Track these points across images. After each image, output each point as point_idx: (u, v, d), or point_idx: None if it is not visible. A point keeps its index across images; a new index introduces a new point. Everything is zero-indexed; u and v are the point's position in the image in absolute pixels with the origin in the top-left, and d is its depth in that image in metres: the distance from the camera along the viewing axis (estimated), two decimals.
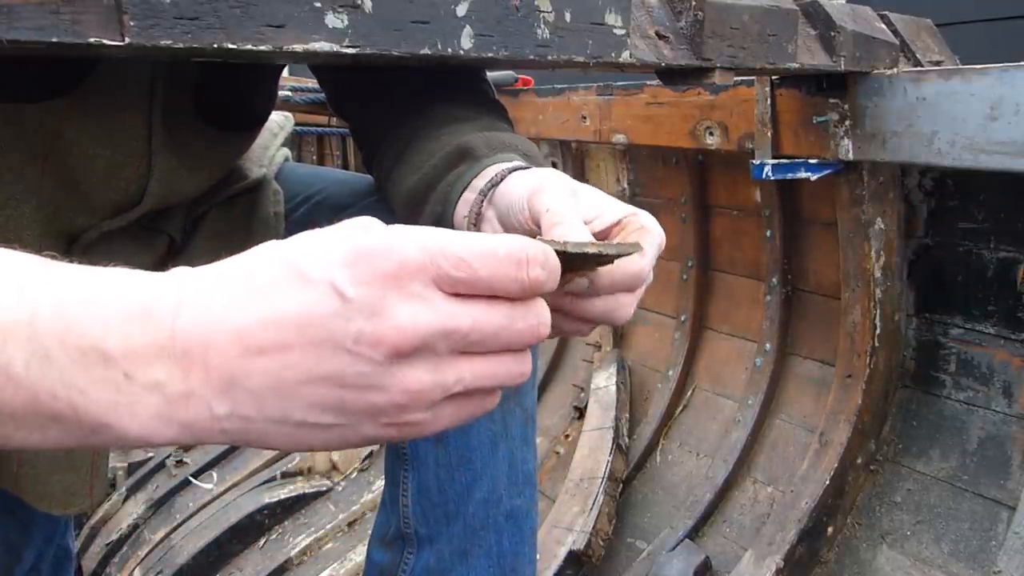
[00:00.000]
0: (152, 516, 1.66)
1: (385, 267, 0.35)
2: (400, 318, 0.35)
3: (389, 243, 0.35)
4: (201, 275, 0.37)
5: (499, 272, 0.37)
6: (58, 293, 0.34)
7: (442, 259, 0.36)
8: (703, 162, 1.67)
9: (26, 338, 0.33)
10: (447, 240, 0.36)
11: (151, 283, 0.36)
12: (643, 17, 0.81)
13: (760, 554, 1.28)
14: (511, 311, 0.38)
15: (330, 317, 0.35)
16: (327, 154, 2.92)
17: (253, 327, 0.35)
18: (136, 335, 0.34)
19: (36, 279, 0.35)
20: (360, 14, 0.57)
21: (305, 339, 0.35)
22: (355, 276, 0.35)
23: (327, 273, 0.35)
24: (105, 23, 0.47)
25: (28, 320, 0.33)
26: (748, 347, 1.60)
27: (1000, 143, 0.98)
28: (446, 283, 0.36)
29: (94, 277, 0.36)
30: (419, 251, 0.36)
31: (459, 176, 0.66)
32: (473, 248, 0.36)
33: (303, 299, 0.35)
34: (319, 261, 0.35)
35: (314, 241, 0.37)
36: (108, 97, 0.68)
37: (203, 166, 0.79)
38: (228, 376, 0.35)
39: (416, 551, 0.84)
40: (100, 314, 0.34)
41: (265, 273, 0.36)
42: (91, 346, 0.34)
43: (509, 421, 0.83)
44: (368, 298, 0.35)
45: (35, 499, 0.72)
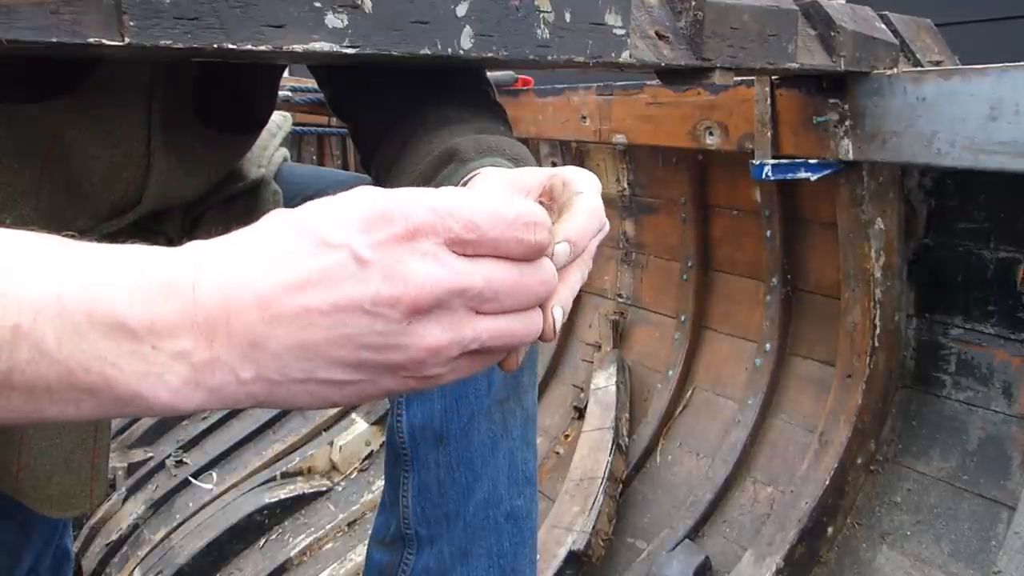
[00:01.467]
0: (152, 516, 1.66)
1: (399, 229, 0.37)
2: (416, 277, 0.36)
3: (402, 206, 0.37)
4: (218, 245, 0.38)
5: (507, 234, 0.38)
6: (83, 270, 0.35)
7: (452, 221, 0.37)
8: (703, 162, 1.67)
9: (56, 314, 0.34)
10: (457, 202, 0.38)
11: (170, 256, 0.37)
12: (643, 17, 0.81)
13: (760, 554, 1.28)
14: (520, 268, 0.39)
15: (348, 279, 0.36)
16: (327, 154, 2.92)
17: (274, 292, 0.36)
18: (159, 308, 0.35)
19: (60, 257, 0.35)
20: (360, 14, 0.56)
21: (326, 302, 0.36)
22: (371, 240, 0.36)
23: (345, 238, 0.36)
24: (105, 23, 0.47)
25: (56, 297, 0.34)
26: (748, 347, 1.60)
27: (1000, 143, 0.98)
28: (457, 244, 0.38)
29: (115, 253, 0.37)
30: (430, 213, 0.37)
31: (446, 179, 0.66)
32: (482, 210, 0.38)
33: (323, 263, 0.36)
34: (337, 226, 0.37)
35: (329, 208, 0.38)
36: (108, 97, 0.67)
37: (202, 168, 0.79)
38: (251, 340, 0.36)
39: (416, 552, 0.84)
40: (123, 289, 0.35)
41: (283, 240, 0.37)
42: (117, 321, 0.35)
43: (509, 421, 0.83)
44: (384, 260, 0.36)
45: (35, 502, 0.72)
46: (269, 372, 0.37)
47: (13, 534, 0.84)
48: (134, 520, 1.65)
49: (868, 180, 1.26)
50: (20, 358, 0.34)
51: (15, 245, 0.35)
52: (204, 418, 1.92)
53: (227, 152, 0.83)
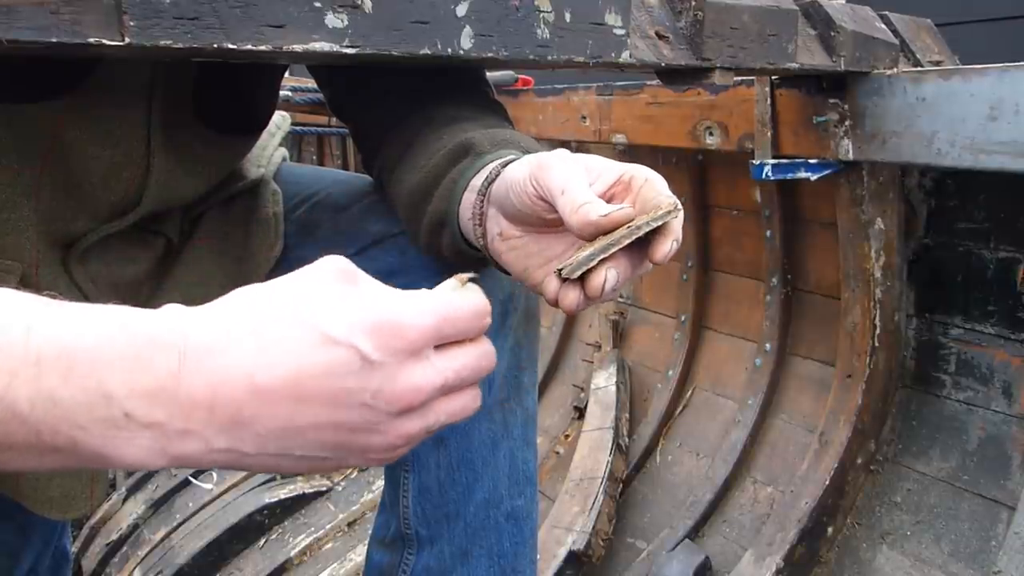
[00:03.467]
0: (152, 516, 1.66)
1: (407, 338, 0.40)
2: (415, 380, 0.41)
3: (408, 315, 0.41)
4: (205, 320, 0.39)
5: (473, 324, 0.44)
6: (63, 333, 0.36)
7: (445, 324, 0.42)
8: (703, 162, 1.67)
9: (32, 378, 0.34)
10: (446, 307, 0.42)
11: (154, 325, 0.38)
12: (643, 17, 0.81)
13: (760, 554, 1.28)
14: (478, 353, 0.44)
15: (353, 377, 0.39)
16: (327, 154, 2.92)
17: (270, 381, 0.38)
18: (139, 378, 0.36)
19: (41, 319, 0.36)
20: (360, 14, 0.56)
21: (325, 393, 0.39)
22: (378, 343, 0.39)
23: (351, 338, 0.39)
24: (105, 23, 0.47)
25: (35, 361, 0.35)
26: (748, 347, 1.60)
27: (1000, 143, 0.98)
28: (439, 340, 0.42)
29: (97, 317, 0.37)
30: (433, 321, 0.41)
31: (461, 172, 0.66)
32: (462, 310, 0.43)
33: (327, 359, 0.39)
34: (342, 325, 0.39)
35: (330, 302, 0.40)
36: (108, 97, 0.67)
37: (202, 168, 0.79)
38: (235, 419, 0.38)
39: (416, 552, 0.84)
40: (104, 356, 0.36)
41: (284, 328, 0.39)
42: (94, 387, 0.35)
43: (510, 421, 0.83)
44: (390, 363, 0.40)
45: (35, 504, 0.71)
46: (245, 447, 0.39)
47: (12, 535, 0.84)
48: (134, 520, 1.65)
49: (868, 180, 1.26)
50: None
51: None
52: None
53: (227, 153, 0.83)
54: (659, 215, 0.49)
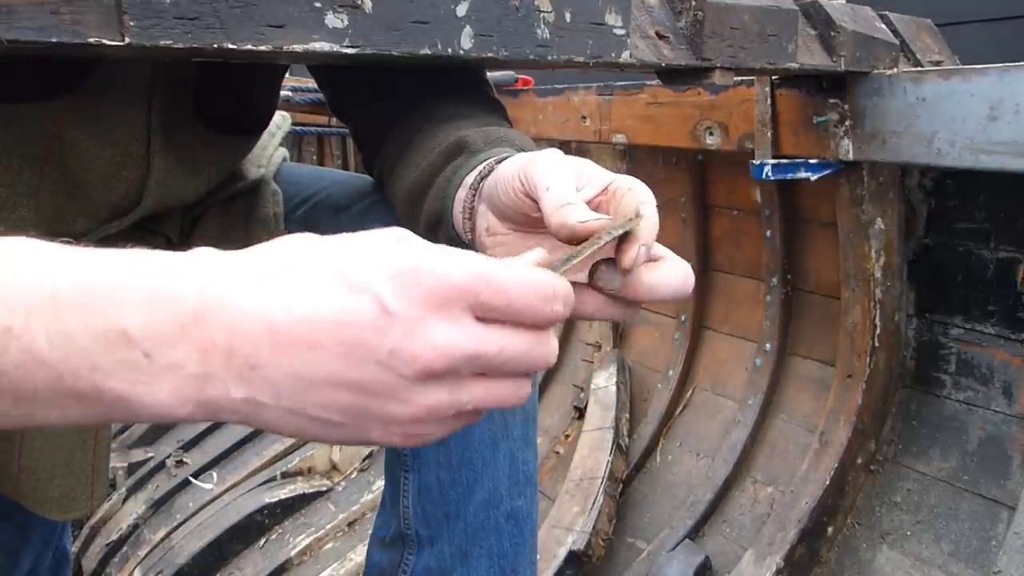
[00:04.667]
0: (152, 516, 1.66)
1: (430, 287, 0.36)
2: (437, 339, 0.36)
3: (436, 264, 0.37)
4: (228, 260, 0.37)
5: (530, 304, 0.38)
6: (79, 274, 0.35)
7: (484, 286, 0.37)
8: (703, 162, 1.67)
9: (49, 317, 0.33)
10: (488, 268, 0.38)
11: (174, 264, 0.37)
12: (643, 17, 0.81)
13: (760, 554, 1.28)
14: (532, 339, 0.39)
15: (369, 327, 0.36)
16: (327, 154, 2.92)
17: (287, 321, 0.35)
18: (157, 317, 0.35)
19: (57, 260, 0.35)
20: (360, 14, 0.56)
21: (339, 343, 0.36)
22: (400, 291, 0.36)
23: (373, 284, 0.36)
24: (105, 23, 0.47)
25: (50, 300, 0.34)
26: (748, 347, 1.60)
27: (1000, 143, 0.98)
28: (480, 309, 0.38)
29: (115, 258, 0.36)
30: (463, 275, 0.37)
31: (455, 170, 0.65)
32: (511, 279, 0.38)
33: (344, 304, 0.36)
34: (366, 270, 0.36)
35: (360, 248, 0.37)
36: (107, 97, 0.67)
37: (202, 169, 0.79)
38: (252, 363, 0.36)
39: (416, 552, 0.84)
40: (121, 295, 0.34)
41: (305, 270, 0.37)
42: (112, 327, 0.34)
43: (510, 422, 0.83)
44: (409, 315, 0.36)
45: (35, 505, 0.71)
46: (262, 395, 0.36)
47: (12, 535, 0.84)
48: (134, 520, 1.65)
49: (868, 180, 1.26)
50: (9, 360, 0.33)
51: (10, 248, 0.35)
52: None
53: (227, 153, 0.83)
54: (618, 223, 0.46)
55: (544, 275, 0.39)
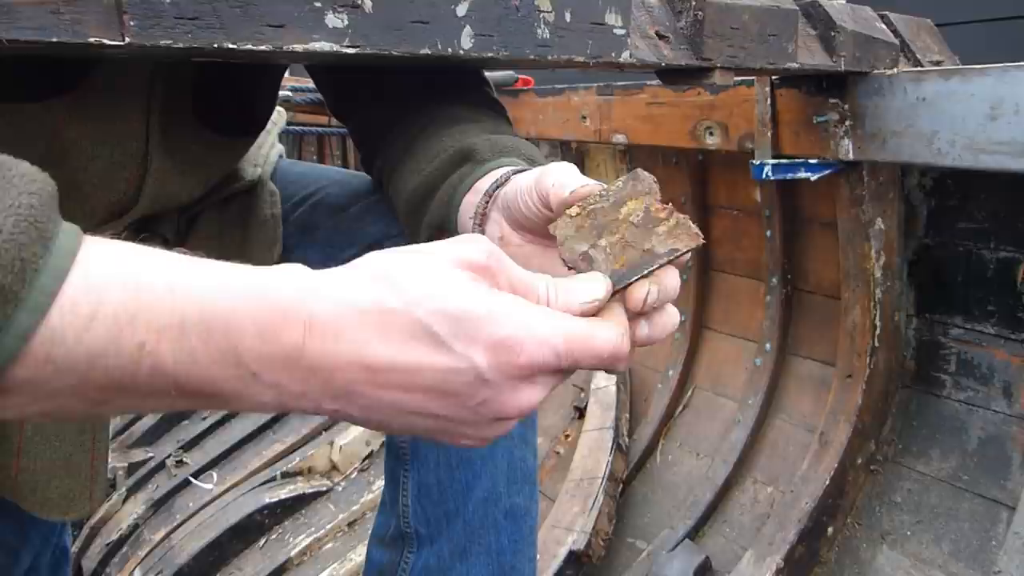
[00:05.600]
0: (152, 516, 1.66)
1: (522, 365, 0.42)
2: (522, 401, 0.43)
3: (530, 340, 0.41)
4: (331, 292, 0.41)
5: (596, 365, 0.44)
6: (203, 296, 0.39)
7: (565, 362, 0.43)
8: (703, 162, 1.67)
9: (176, 337, 0.38)
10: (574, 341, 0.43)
11: (283, 293, 0.40)
12: (643, 17, 0.81)
13: (760, 554, 1.28)
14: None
15: (465, 385, 0.41)
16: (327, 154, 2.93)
17: (385, 367, 0.40)
18: (268, 347, 0.39)
19: (184, 280, 0.39)
20: (360, 14, 0.56)
21: (435, 391, 0.41)
22: (495, 364, 0.41)
23: (469, 351, 0.41)
24: (105, 23, 0.47)
25: (179, 324, 0.38)
26: (748, 347, 1.60)
27: (1000, 143, 0.98)
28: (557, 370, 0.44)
29: (232, 279, 0.40)
30: (550, 356, 0.42)
31: (461, 178, 0.66)
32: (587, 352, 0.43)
33: (444, 364, 0.41)
34: (462, 337, 0.41)
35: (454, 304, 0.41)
36: (107, 97, 0.67)
37: (200, 169, 0.79)
38: (347, 392, 0.41)
39: (416, 550, 0.84)
40: (237, 323, 0.39)
41: (402, 320, 0.40)
42: (229, 351, 0.39)
43: None
44: (503, 383, 0.42)
45: (34, 506, 0.71)
46: (351, 411, 0.42)
47: (12, 534, 0.84)
48: (134, 520, 1.65)
49: (868, 180, 1.26)
50: (141, 372, 0.38)
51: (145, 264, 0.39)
52: (204, 418, 1.92)
53: (226, 154, 0.83)
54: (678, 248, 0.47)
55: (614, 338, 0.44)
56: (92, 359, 0.37)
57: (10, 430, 0.69)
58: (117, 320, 0.37)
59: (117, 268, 0.38)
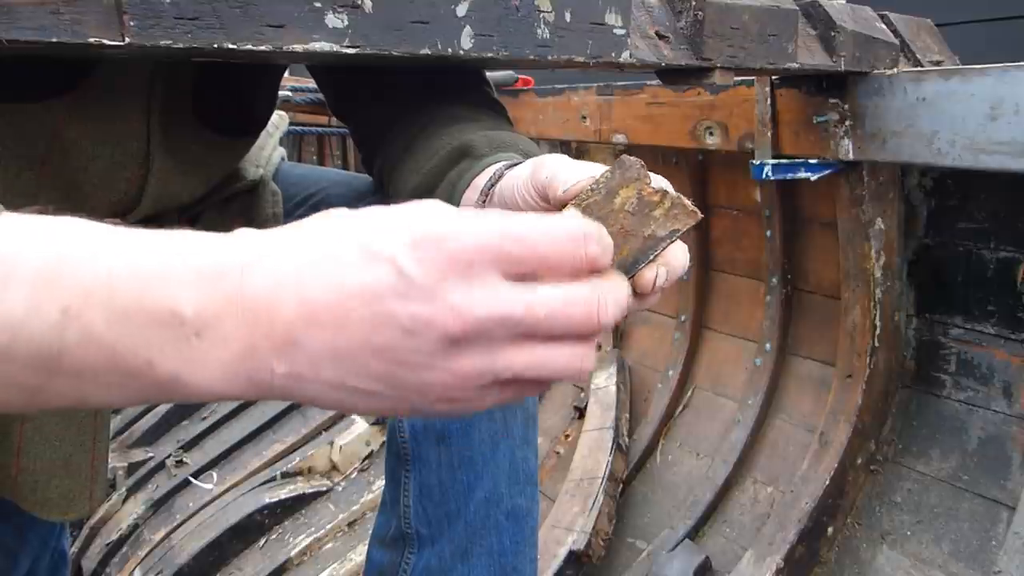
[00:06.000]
0: (152, 516, 1.66)
1: (449, 250, 0.36)
2: (456, 302, 0.36)
3: (455, 225, 0.36)
4: (267, 239, 0.38)
5: (559, 249, 0.37)
6: (133, 254, 0.36)
7: (507, 241, 0.36)
8: (703, 162, 1.67)
9: (105, 298, 0.35)
10: (511, 221, 0.37)
11: (219, 245, 0.38)
12: (643, 17, 0.81)
13: (760, 554, 1.28)
14: (569, 293, 0.38)
15: (389, 293, 0.36)
16: (327, 154, 2.92)
17: (316, 295, 0.36)
18: (206, 295, 0.36)
19: (110, 241, 0.36)
20: (360, 14, 0.56)
21: (364, 312, 0.36)
22: (419, 256, 0.36)
23: (392, 250, 0.36)
24: (105, 23, 0.47)
25: (106, 281, 0.35)
26: (748, 347, 1.60)
27: (1000, 143, 0.98)
28: (507, 264, 0.37)
29: (163, 240, 0.37)
30: (483, 235, 0.36)
31: (460, 175, 0.66)
32: (535, 227, 0.37)
33: (366, 273, 0.36)
34: (387, 238, 0.37)
35: (383, 219, 0.38)
36: (107, 97, 0.67)
37: (201, 169, 0.79)
38: (290, 338, 0.37)
39: (417, 551, 0.84)
40: (173, 276, 0.36)
41: (333, 244, 0.37)
42: (165, 306, 0.35)
43: (510, 420, 0.83)
44: (427, 279, 0.36)
45: (34, 506, 0.71)
46: (302, 370, 0.37)
47: (10, 537, 0.84)
48: (134, 520, 1.65)
49: (868, 180, 1.26)
50: (70, 340, 0.34)
51: (66, 229, 0.36)
52: (204, 418, 1.92)
53: (227, 153, 0.83)
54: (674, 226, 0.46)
55: (572, 219, 0.38)
56: (12, 330, 0.33)
57: (10, 429, 0.69)
58: (35, 284, 0.34)
59: (34, 233, 0.35)
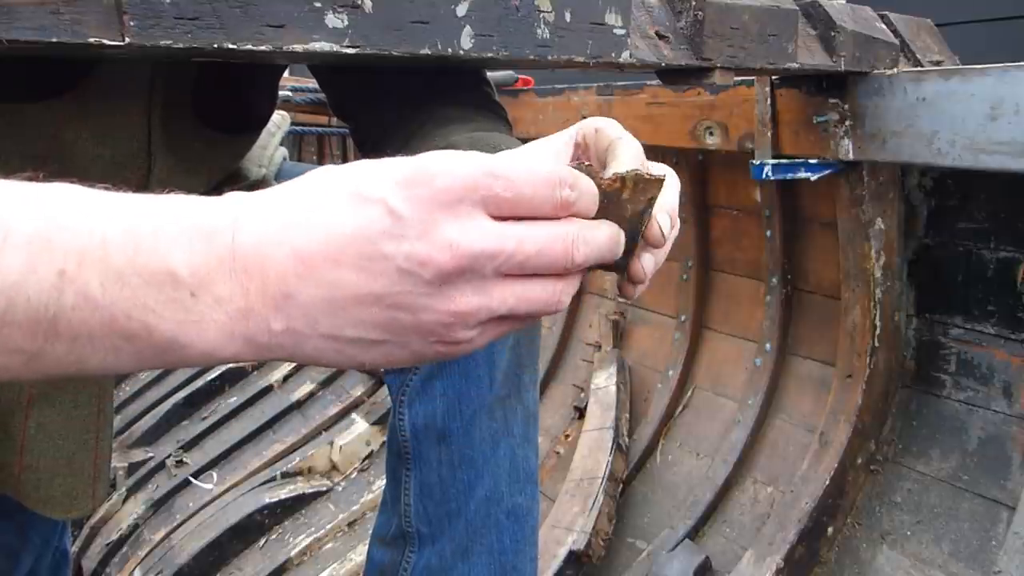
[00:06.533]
0: (152, 516, 1.66)
1: (437, 187, 0.36)
2: (450, 238, 0.36)
3: (443, 165, 0.37)
4: (258, 196, 0.38)
5: (539, 191, 0.38)
6: (125, 217, 0.36)
7: (492, 179, 0.37)
8: (703, 162, 1.67)
9: (100, 260, 0.35)
10: (494, 162, 0.38)
11: (210, 205, 0.38)
12: (643, 17, 0.81)
13: (760, 554, 1.28)
14: (550, 232, 0.39)
15: (382, 235, 0.36)
16: (327, 154, 2.92)
17: (308, 244, 0.36)
18: (199, 254, 0.36)
19: (103, 204, 0.36)
20: (360, 14, 0.57)
21: (357, 257, 0.36)
22: (408, 195, 0.36)
23: (382, 192, 0.36)
24: (105, 23, 0.47)
25: (100, 244, 0.35)
26: (748, 347, 1.60)
27: (1000, 143, 0.98)
28: (493, 204, 0.37)
29: (156, 202, 0.37)
30: (469, 172, 0.37)
31: None
32: (518, 169, 0.38)
33: (357, 217, 0.36)
34: (375, 181, 0.37)
35: (372, 164, 0.38)
36: (108, 97, 0.67)
37: (202, 167, 0.79)
38: (284, 291, 0.37)
39: (417, 550, 0.84)
40: (166, 236, 0.36)
41: (322, 193, 0.37)
42: (159, 267, 0.35)
43: (510, 419, 0.83)
44: (419, 217, 0.36)
45: (36, 503, 0.71)
46: (299, 325, 0.37)
47: (12, 536, 0.84)
48: (134, 520, 1.65)
49: (868, 180, 1.26)
50: (65, 304, 0.34)
51: (58, 194, 0.36)
52: (204, 418, 1.92)
53: (227, 152, 0.83)
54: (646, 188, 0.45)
55: (551, 167, 0.39)
56: (8, 294, 0.33)
57: (13, 428, 0.69)
58: (30, 246, 0.34)
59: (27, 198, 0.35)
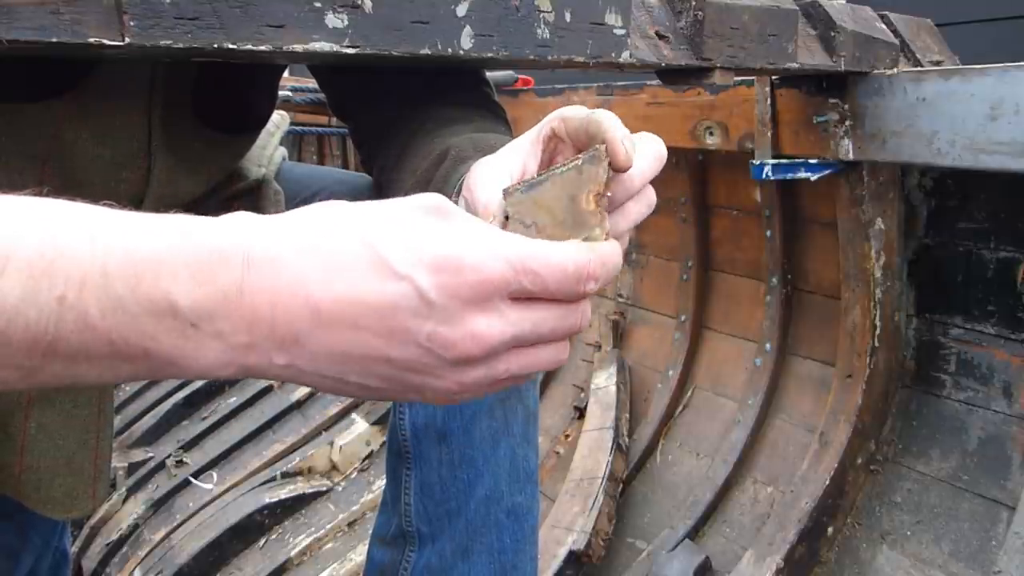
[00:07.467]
0: (152, 516, 1.66)
1: (469, 283, 0.37)
2: (476, 328, 0.38)
3: (475, 257, 0.38)
4: (272, 230, 0.38)
5: (565, 286, 0.40)
6: (128, 242, 0.36)
7: (521, 276, 0.39)
8: (703, 162, 1.67)
9: (100, 286, 0.35)
10: (526, 255, 0.39)
11: (219, 232, 0.37)
12: (643, 17, 0.81)
13: (760, 554, 1.28)
14: (564, 312, 0.41)
15: (410, 314, 0.37)
16: (327, 154, 2.92)
17: (328, 302, 0.37)
18: (204, 288, 0.36)
19: (106, 227, 0.36)
20: (360, 14, 0.57)
21: (378, 325, 0.37)
22: (437, 283, 0.37)
23: (412, 271, 0.37)
24: (105, 23, 0.47)
25: (101, 269, 0.35)
26: (748, 347, 1.60)
27: (1000, 143, 0.98)
28: (517, 294, 0.39)
29: (161, 225, 0.37)
30: (502, 272, 0.38)
31: (445, 177, 0.66)
32: (547, 266, 0.39)
33: (385, 290, 0.37)
34: (405, 257, 0.37)
35: (398, 230, 0.38)
36: (108, 97, 0.67)
37: (202, 167, 0.79)
38: (293, 336, 0.37)
39: (417, 549, 0.84)
40: (168, 266, 0.36)
41: (346, 251, 0.38)
42: (161, 297, 0.35)
43: (511, 418, 0.83)
44: (447, 304, 0.37)
45: (37, 503, 0.71)
46: (303, 364, 0.38)
47: (12, 536, 0.84)
48: (134, 520, 1.65)
49: (868, 180, 1.26)
50: (65, 328, 0.35)
51: (60, 215, 0.36)
52: (204, 418, 1.92)
53: (227, 152, 0.83)
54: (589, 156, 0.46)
55: (581, 255, 0.40)
56: (8, 315, 0.33)
57: (13, 428, 0.69)
58: (32, 270, 0.34)
59: (30, 218, 0.35)
